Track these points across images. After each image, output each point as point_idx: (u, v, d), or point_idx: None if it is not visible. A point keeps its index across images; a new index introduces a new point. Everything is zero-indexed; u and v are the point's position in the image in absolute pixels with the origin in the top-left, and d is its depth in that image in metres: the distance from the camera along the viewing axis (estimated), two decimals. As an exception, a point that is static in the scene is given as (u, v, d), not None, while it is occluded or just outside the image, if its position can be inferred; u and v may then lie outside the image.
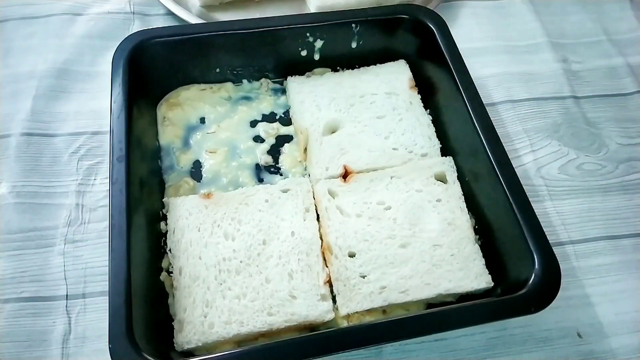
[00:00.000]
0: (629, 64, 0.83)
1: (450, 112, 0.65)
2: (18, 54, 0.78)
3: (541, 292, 0.49)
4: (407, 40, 0.71)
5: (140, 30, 0.66)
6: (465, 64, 0.64)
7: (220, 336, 0.51)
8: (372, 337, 0.47)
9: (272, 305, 0.53)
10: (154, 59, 0.66)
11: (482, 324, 0.53)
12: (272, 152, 0.68)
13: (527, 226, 0.52)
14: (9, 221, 0.62)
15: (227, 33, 0.67)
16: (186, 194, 0.62)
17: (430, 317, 0.49)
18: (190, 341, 0.51)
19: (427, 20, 0.68)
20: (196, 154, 0.67)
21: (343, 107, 0.68)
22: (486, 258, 0.57)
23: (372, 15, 0.70)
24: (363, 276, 0.55)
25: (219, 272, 0.55)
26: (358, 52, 0.72)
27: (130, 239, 0.51)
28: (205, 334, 0.51)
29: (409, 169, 0.63)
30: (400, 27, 0.70)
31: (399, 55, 0.73)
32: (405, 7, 0.71)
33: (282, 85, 0.73)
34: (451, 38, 0.67)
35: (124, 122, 0.58)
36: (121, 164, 0.55)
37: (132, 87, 0.61)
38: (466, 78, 0.63)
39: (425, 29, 0.68)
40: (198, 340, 0.51)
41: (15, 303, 0.57)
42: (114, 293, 0.47)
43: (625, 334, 0.59)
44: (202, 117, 0.69)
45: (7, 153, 0.68)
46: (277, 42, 0.69)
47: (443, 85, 0.66)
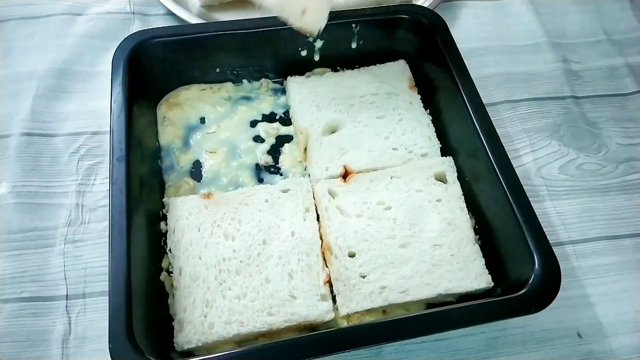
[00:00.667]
0: (629, 64, 0.83)
1: (451, 112, 0.65)
2: (18, 54, 0.78)
3: (541, 292, 0.49)
4: (407, 40, 0.71)
5: (140, 30, 0.66)
6: (465, 64, 0.64)
7: (220, 336, 0.51)
8: (372, 337, 0.47)
9: (272, 305, 0.53)
10: (154, 59, 0.66)
11: (482, 324, 0.53)
12: (272, 152, 0.68)
13: (527, 226, 0.52)
14: (9, 221, 0.62)
15: (227, 33, 0.67)
16: (186, 194, 0.62)
17: (430, 317, 0.49)
18: (190, 341, 0.51)
19: (427, 20, 0.69)
20: (196, 154, 0.67)
21: (343, 107, 0.68)
22: (486, 258, 0.57)
23: (372, 15, 0.70)
24: (363, 276, 0.55)
25: (219, 272, 0.55)
26: (358, 52, 0.72)
27: (130, 239, 0.51)
28: (205, 334, 0.51)
29: (409, 169, 0.63)
30: (400, 27, 0.70)
31: (399, 55, 0.73)
32: (405, 7, 0.71)
33: (282, 85, 0.73)
34: (451, 38, 0.67)
35: (124, 122, 0.58)
36: (121, 164, 0.55)
37: (132, 87, 0.61)
38: (466, 78, 0.63)
39: (425, 29, 0.68)
40: (198, 340, 0.51)
41: (15, 303, 0.57)
42: (114, 293, 0.47)
43: (625, 334, 0.59)
44: (202, 117, 0.69)
45: (7, 153, 0.68)
46: (277, 42, 0.69)
47: (443, 85, 0.66)
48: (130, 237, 0.51)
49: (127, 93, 0.60)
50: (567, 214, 0.67)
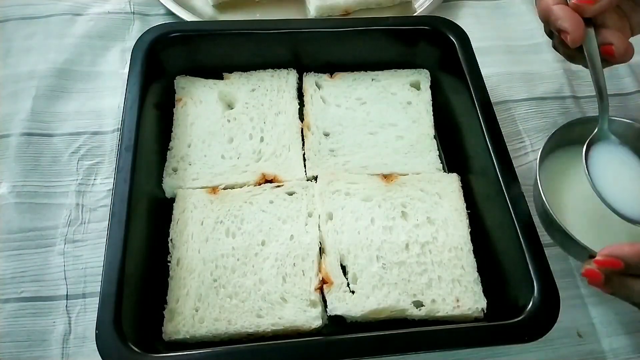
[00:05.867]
0: (629, 64, 0.83)
1: (464, 129, 0.65)
2: (18, 54, 0.78)
3: (537, 322, 0.48)
4: (426, 51, 0.71)
5: (163, 24, 0.68)
6: (484, 79, 0.64)
7: (209, 332, 0.51)
8: (358, 351, 0.47)
9: (261, 307, 0.53)
10: (172, 52, 0.67)
11: (473, 347, 0.53)
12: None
13: (529, 252, 0.51)
14: (9, 221, 0.62)
15: (246, 32, 0.68)
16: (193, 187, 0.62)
17: (420, 336, 0.49)
18: (178, 332, 0.51)
19: (448, 32, 0.68)
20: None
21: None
22: (486, 274, 0.56)
23: (393, 24, 0.70)
24: (332, 150, 0.65)
25: (215, 268, 0.55)
26: (376, 60, 0.72)
27: (130, 228, 0.51)
28: (195, 327, 0.52)
29: (389, 75, 0.72)
30: (421, 38, 0.70)
31: (418, 66, 0.73)
32: (426, 18, 0.72)
33: (297, 82, 0.72)
34: (471, 50, 0.67)
35: (136, 112, 0.58)
36: (128, 153, 0.55)
37: (148, 79, 0.62)
38: (484, 96, 0.63)
39: (446, 40, 0.68)
40: (187, 333, 0.51)
41: (15, 303, 0.57)
42: (106, 281, 0.48)
43: (625, 334, 0.59)
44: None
45: (7, 153, 0.68)
46: (295, 44, 0.70)
47: (459, 102, 0.66)
48: (130, 226, 0.51)
49: (142, 84, 0.61)
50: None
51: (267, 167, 0.63)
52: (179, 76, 0.69)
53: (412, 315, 0.54)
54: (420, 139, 0.66)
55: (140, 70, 0.62)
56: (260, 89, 0.69)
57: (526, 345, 0.57)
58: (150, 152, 0.61)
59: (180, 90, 0.69)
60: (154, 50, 0.64)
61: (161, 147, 0.64)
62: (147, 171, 0.59)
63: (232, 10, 0.83)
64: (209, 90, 0.69)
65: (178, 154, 0.63)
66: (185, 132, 0.65)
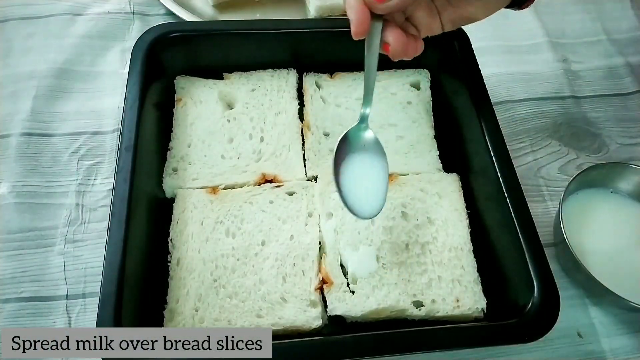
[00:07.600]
0: (629, 64, 0.83)
1: (465, 131, 0.65)
2: (18, 54, 0.78)
3: (537, 322, 0.48)
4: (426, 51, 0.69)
5: (163, 24, 0.67)
6: (484, 79, 0.64)
7: None
8: (358, 351, 0.47)
9: (261, 308, 0.53)
10: (172, 52, 0.67)
11: (474, 347, 0.53)
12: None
13: (529, 252, 0.51)
14: (9, 221, 0.62)
15: (246, 32, 0.68)
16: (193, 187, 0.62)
17: (418, 335, 0.49)
18: None
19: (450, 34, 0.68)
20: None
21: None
22: (486, 273, 0.56)
23: None
24: (332, 150, 0.60)
25: (215, 268, 0.55)
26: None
27: (130, 228, 0.51)
28: (195, 327, 0.52)
29: (388, 75, 0.71)
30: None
31: (418, 66, 0.72)
32: None
33: (297, 82, 0.72)
34: (471, 50, 0.66)
35: (136, 112, 0.58)
36: (128, 153, 0.55)
37: (148, 79, 0.62)
38: (484, 97, 0.62)
39: (447, 42, 0.67)
40: None
41: (15, 303, 0.57)
42: (106, 281, 0.48)
43: (625, 334, 0.59)
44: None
45: (7, 153, 0.68)
46: (295, 44, 0.69)
47: (459, 102, 0.66)
48: (130, 226, 0.51)
49: (142, 84, 0.60)
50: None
51: (267, 167, 0.63)
52: (179, 76, 0.69)
53: (412, 315, 0.54)
54: (420, 139, 0.66)
55: (140, 70, 0.62)
56: (260, 89, 0.69)
57: (526, 345, 0.57)
58: (150, 152, 0.61)
59: (180, 90, 0.69)
60: (154, 50, 0.64)
61: (161, 147, 0.64)
62: (147, 171, 0.59)
63: (232, 10, 0.84)
64: (209, 90, 0.69)
65: (178, 154, 0.63)
66: (185, 132, 0.65)
